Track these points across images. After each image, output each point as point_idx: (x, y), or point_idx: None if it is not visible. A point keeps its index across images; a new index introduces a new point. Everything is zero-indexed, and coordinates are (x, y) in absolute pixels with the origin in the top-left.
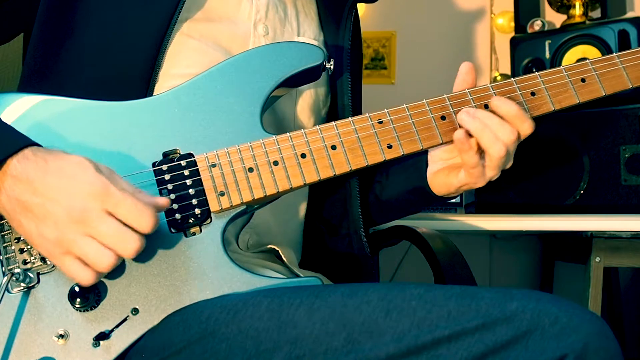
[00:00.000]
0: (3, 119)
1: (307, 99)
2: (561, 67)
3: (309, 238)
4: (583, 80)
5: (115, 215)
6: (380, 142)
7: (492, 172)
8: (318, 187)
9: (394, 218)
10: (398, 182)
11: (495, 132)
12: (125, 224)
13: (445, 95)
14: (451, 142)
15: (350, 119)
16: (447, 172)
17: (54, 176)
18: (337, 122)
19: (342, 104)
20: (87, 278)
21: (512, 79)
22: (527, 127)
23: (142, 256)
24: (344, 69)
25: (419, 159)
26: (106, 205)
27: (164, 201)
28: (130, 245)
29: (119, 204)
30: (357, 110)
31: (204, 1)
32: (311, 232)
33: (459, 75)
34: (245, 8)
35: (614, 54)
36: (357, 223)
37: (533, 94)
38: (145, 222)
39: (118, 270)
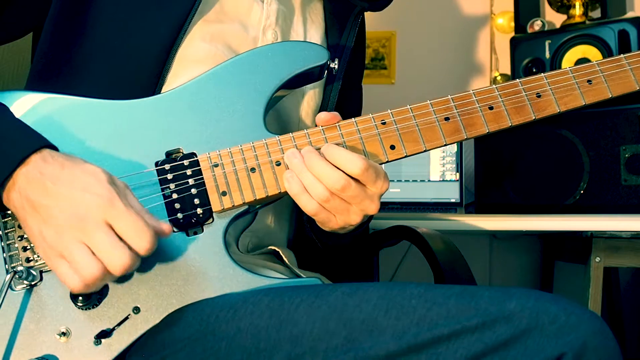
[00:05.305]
0: None
1: (313, 100)
2: (567, 68)
3: (304, 241)
4: (589, 81)
5: (114, 227)
6: (383, 143)
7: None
8: None
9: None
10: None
11: (318, 175)
12: (122, 240)
13: (449, 96)
14: (454, 142)
15: (353, 119)
16: None
17: (66, 185)
18: (340, 122)
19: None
20: (74, 283)
21: (518, 80)
22: (355, 167)
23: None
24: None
25: None
26: (106, 216)
27: (167, 227)
28: (119, 261)
29: (119, 217)
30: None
31: (217, 2)
32: (304, 236)
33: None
34: (256, 13)
35: (622, 55)
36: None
37: (539, 95)
38: (142, 241)
39: None
